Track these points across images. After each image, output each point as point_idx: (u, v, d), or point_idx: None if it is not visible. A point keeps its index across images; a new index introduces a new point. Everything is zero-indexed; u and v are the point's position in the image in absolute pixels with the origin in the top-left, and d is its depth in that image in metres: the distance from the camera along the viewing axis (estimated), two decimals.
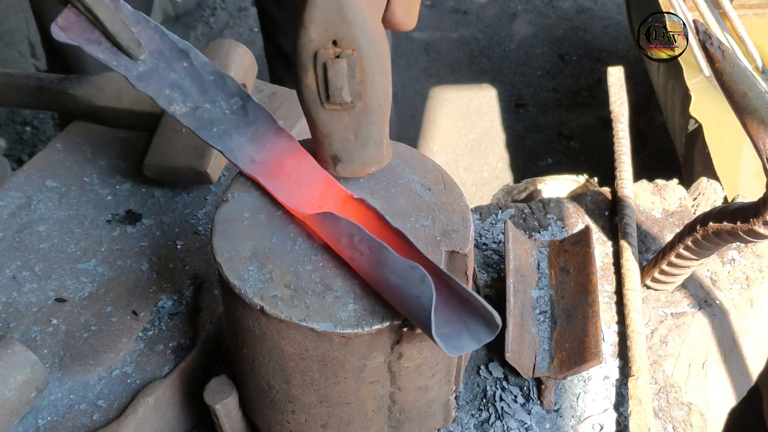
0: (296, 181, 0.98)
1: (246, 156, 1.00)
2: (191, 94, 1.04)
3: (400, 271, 0.84)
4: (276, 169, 0.99)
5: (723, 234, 1.13)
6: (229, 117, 1.03)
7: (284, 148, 1.01)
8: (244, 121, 1.02)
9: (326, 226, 0.91)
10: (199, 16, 3.76)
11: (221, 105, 1.04)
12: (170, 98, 1.04)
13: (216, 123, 1.02)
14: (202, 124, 1.02)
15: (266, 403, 1.01)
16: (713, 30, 2.20)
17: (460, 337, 0.84)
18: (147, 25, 1.07)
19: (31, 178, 1.35)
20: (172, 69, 1.05)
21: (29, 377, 1.01)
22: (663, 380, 1.24)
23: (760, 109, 0.99)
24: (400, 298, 0.84)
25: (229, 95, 1.04)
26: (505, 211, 1.47)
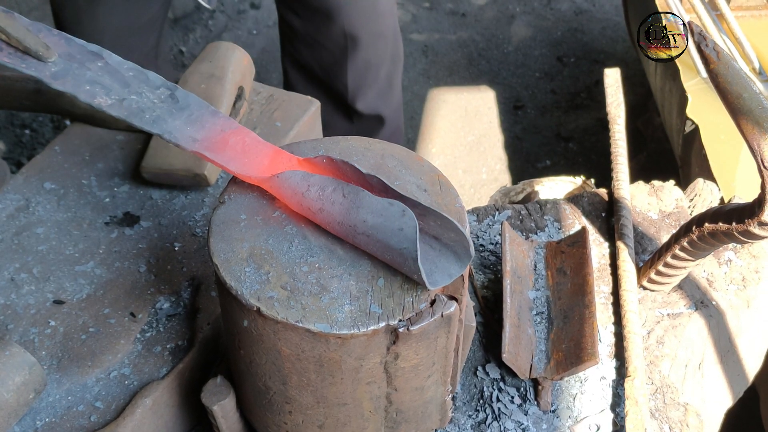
0: (243, 154, 0.99)
1: (186, 136, 1.01)
2: (113, 88, 1.04)
3: (379, 209, 0.86)
4: (220, 144, 1.00)
5: (719, 235, 1.14)
6: (159, 105, 1.03)
7: (224, 127, 1.02)
8: (176, 107, 1.03)
9: (291, 184, 0.92)
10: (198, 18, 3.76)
11: (148, 96, 1.03)
12: (92, 93, 1.03)
13: (147, 111, 1.02)
14: (132, 113, 1.02)
15: (263, 404, 1.02)
16: (710, 31, 2.21)
17: (433, 273, 0.88)
18: (49, 33, 1.07)
19: (30, 180, 1.35)
20: (87, 68, 1.05)
21: (27, 379, 1.02)
22: (659, 381, 1.24)
23: (755, 110, 1.00)
24: (381, 236, 0.87)
25: (154, 87, 1.04)
26: (502, 212, 1.47)
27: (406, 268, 0.87)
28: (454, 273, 0.89)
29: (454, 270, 0.89)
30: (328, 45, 2.09)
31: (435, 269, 0.89)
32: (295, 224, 0.95)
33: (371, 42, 2.11)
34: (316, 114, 1.49)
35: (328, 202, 0.90)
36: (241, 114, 1.40)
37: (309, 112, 1.46)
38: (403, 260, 0.86)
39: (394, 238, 0.86)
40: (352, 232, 0.89)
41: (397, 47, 2.23)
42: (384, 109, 2.28)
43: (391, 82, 2.27)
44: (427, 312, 0.89)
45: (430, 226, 0.90)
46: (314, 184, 0.91)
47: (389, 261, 0.89)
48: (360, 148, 1.04)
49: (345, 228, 0.90)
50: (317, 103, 1.48)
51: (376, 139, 1.06)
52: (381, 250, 0.88)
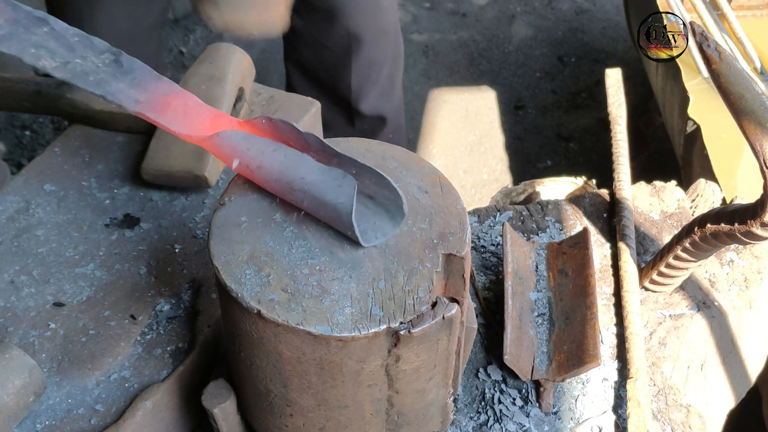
0: (185, 115, 1.01)
1: (129, 98, 1.03)
2: (58, 52, 1.06)
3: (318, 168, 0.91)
4: (162, 106, 1.02)
5: (721, 236, 1.13)
6: (104, 69, 1.05)
7: (167, 91, 1.03)
8: (120, 71, 1.05)
9: (232, 143, 0.95)
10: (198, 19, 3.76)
11: (93, 60, 1.05)
12: (37, 56, 1.05)
13: (91, 74, 1.04)
14: (76, 75, 1.04)
15: (264, 406, 1.01)
16: (711, 31, 2.20)
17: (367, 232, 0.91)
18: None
19: (30, 182, 1.35)
20: (33, 33, 1.07)
21: (27, 382, 1.01)
22: (662, 382, 1.24)
23: (757, 110, 0.99)
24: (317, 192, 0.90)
25: (99, 52, 1.07)
26: (504, 213, 1.47)
27: (340, 224, 0.89)
28: (387, 231, 0.92)
29: (388, 228, 0.92)
30: (331, 45, 2.09)
31: (369, 228, 0.92)
32: (296, 227, 0.95)
33: (374, 41, 2.10)
34: (317, 115, 1.48)
35: (267, 160, 0.93)
36: (241, 115, 1.40)
37: (309, 113, 1.46)
38: (337, 215, 0.89)
39: (330, 194, 0.89)
40: (289, 188, 0.92)
41: (398, 46, 2.23)
42: (386, 109, 2.28)
43: (393, 81, 2.27)
44: (429, 314, 0.88)
45: (365, 184, 0.92)
46: (255, 144, 0.94)
47: (323, 217, 0.91)
48: (360, 149, 1.04)
49: (282, 185, 0.92)
50: (317, 104, 1.48)
51: (377, 141, 1.06)
52: (316, 206, 0.91)
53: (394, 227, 0.92)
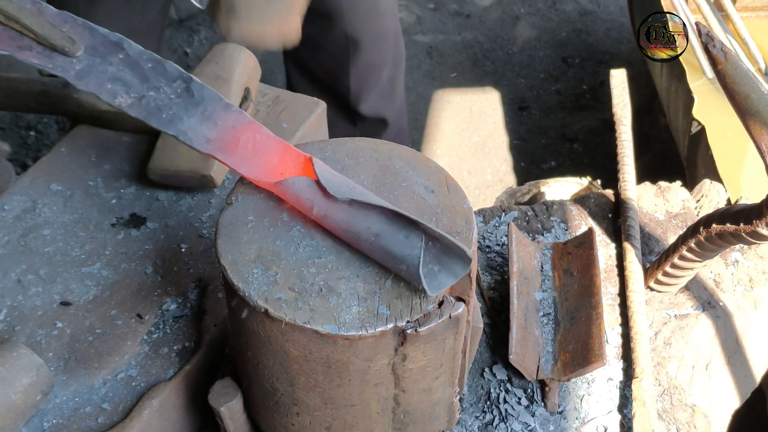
0: (254, 153, 1.00)
1: (200, 136, 1.03)
2: (133, 84, 1.06)
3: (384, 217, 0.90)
4: (232, 144, 1.01)
5: (726, 236, 1.14)
6: (176, 101, 1.05)
7: (235, 122, 1.03)
8: (191, 102, 1.05)
9: (296, 190, 0.94)
10: (203, 20, 3.77)
11: (165, 90, 1.06)
12: (113, 92, 1.06)
13: (164, 109, 1.04)
14: (150, 113, 1.05)
15: (271, 405, 1.01)
16: (716, 32, 2.20)
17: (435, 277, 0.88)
18: (75, 23, 1.09)
19: (36, 182, 1.35)
20: (109, 63, 1.07)
21: (34, 380, 1.02)
22: (667, 382, 1.24)
23: (763, 110, 0.99)
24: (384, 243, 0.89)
25: (171, 79, 1.06)
26: (509, 213, 1.47)
27: (410, 275, 0.88)
28: (457, 274, 0.89)
29: (458, 271, 0.89)
30: (329, 48, 2.09)
31: (435, 274, 0.89)
32: (303, 226, 0.95)
33: (373, 44, 2.10)
34: (323, 115, 1.49)
35: (333, 209, 0.92)
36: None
37: (315, 113, 1.46)
38: (406, 268, 0.87)
39: (397, 246, 0.88)
40: (356, 239, 0.91)
41: (399, 48, 2.23)
42: (387, 111, 2.27)
43: (394, 84, 2.27)
44: (435, 313, 0.89)
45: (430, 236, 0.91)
46: (319, 192, 0.93)
47: (393, 268, 0.90)
48: (367, 149, 1.04)
49: (349, 235, 0.91)
50: (323, 104, 1.48)
51: (384, 140, 1.06)
52: (384, 257, 0.90)
53: (463, 270, 0.89)
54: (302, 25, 2.08)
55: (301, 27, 2.09)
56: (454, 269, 0.88)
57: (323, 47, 2.09)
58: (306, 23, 2.07)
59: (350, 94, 2.16)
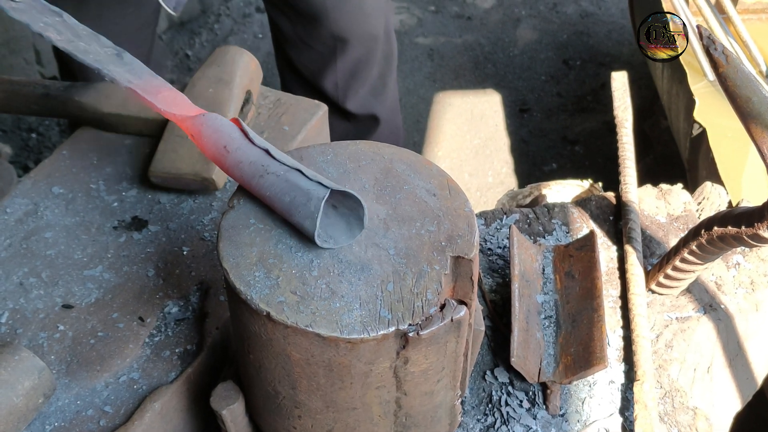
0: (173, 104, 1.05)
1: (123, 77, 1.07)
2: (66, 34, 1.12)
3: None
4: (153, 91, 1.06)
5: (727, 238, 1.14)
6: (105, 55, 1.11)
7: (160, 85, 1.08)
8: (120, 62, 1.10)
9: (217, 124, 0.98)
10: (204, 22, 3.77)
11: (96, 48, 1.11)
12: (45, 28, 1.12)
13: (93, 53, 1.10)
14: (78, 50, 1.10)
15: (273, 408, 1.02)
16: (717, 34, 2.20)
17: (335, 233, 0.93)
18: None
19: (38, 184, 1.35)
20: (46, 16, 1.13)
21: (36, 383, 1.02)
22: (668, 385, 1.24)
23: (764, 113, 0.99)
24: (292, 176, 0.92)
25: (104, 45, 1.12)
26: (510, 216, 1.47)
27: (303, 210, 0.89)
28: (341, 241, 0.92)
29: (343, 239, 0.93)
30: (317, 47, 2.10)
31: (326, 234, 0.93)
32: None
33: (361, 43, 2.11)
34: (324, 118, 1.49)
35: (248, 148, 0.96)
36: (248, 118, 1.40)
37: (316, 116, 1.46)
38: (305, 200, 0.89)
39: (304, 179, 0.91)
40: (262, 170, 0.93)
41: (390, 46, 2.22)
42: (378, 109, 2.27)
43: (384, 81, 2.26)
44: (437, 316, 0.89)
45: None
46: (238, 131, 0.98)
47: (286, 204, 0.91)
48: (369, 152, 1.04)
49: (255, 167, 0.94)
50: (324, 107, 1.49)
51: (386, 144, 1.06)
52: (286, 189, 0.91)
53: (350, 238, 0.93)
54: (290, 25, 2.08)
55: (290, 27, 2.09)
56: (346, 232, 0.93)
57: (311, 47, 2.10)
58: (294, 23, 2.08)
59: (338, 91, 2.17)
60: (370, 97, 2.22)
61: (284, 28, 2.10)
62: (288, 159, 0.94)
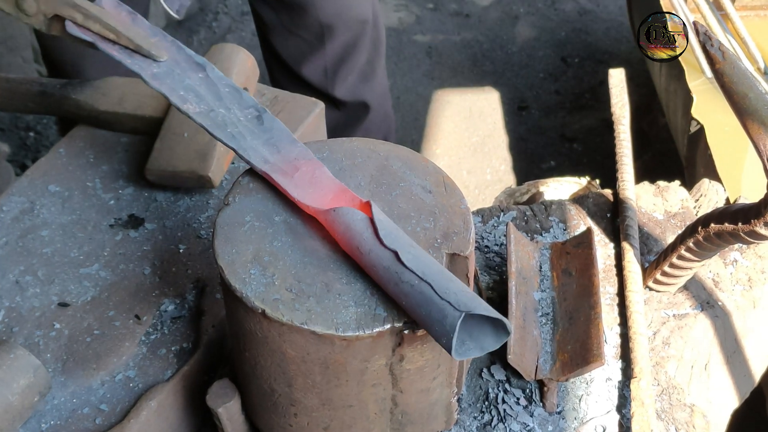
0: (310, 183, 0.98)
1: (259, 156, 1.01)
2: (206, 99, 1.07)
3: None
4: (289, 170, 0.99)
5: (724, 235, 1.13)
6: (243, 123, 1.05)
7: (299, 155, 1.01)
8: (259, 128, 1.05)
9: (347, 219, 0.91)
10: (202, 20, 3.77)
11: (236, 113, 1.06)
12: (184, 98, 1.07)
13: (230, 125, 1.05)
14: (216, 124, 1.05)
15: (269, 406, 1.01)
16: (715, 31, 2.20)
17: (465, 342, 0.84)
18: (164, 38, 1.13)
19: (34, 183, 1.35)
20: (188, 77, 1.09)
21: (32, 381, 1.02)
22: (665, 382, 1.24)
23: (761, 110, 0.99)
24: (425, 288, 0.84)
25: (245, 106, 1.07)
26: (507, 213, 1.47)
27: (439, 328, 0.82)
28: (487, 347, 0.85)
29: (488, 344, 0.85)
30: (303, 35, 2.08)
31: (468, 338, 0.84)
32: (301, 226, 0.95)
33: (349, 28, 2.09)
34: (321, 115, 1.49)
35: (379, 248, 0.88)
36: None
37: (313, 113, 1.46)
38: (441, 317, 0.81)
39: (436, 296, 0.82)
40: (396, 278, 0.86)
41: (378, 31, 2.21)
42: (368, 96, 2.25)
43: (374, 68, 2.25)
44: None
45: None
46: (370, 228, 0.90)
47: (423, 317, 0.84)
48: (365, 149, 1.04)
49: (389, 273, 0.86)
50: (321, 104, 1.48)
51: (381, 141, 1.06)
52: (420, 302, 0.84)
53: (496, 343, 0.85)
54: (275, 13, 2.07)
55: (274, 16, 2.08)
56: (485, 343, 0.85)
57: (297, 35, 2.08)
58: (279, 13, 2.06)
59: (327, 78, 2.16)
60: (359, 83, 2.21)
61: (267, 18, 2.09)
62: (418, 264, 0.85)
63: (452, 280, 0.84)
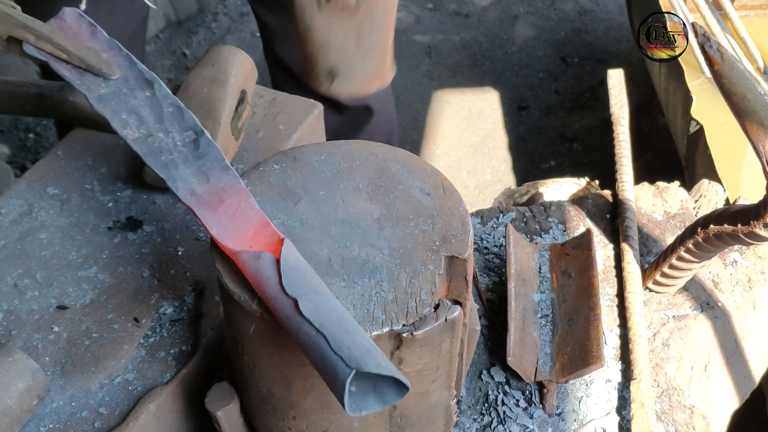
0: (232, 218, 0.96)
1: (187, 187, 1.02)
2: (147, 122, 1.10)
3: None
4: (214, 203, 0.99)
5: (724, 236, 1.13)
6: (180, 148, 1.07)
7: (227, 185, 1.01)
8: (194, 154, 1.06)
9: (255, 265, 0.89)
10: (201, 21, 3.77)
11: (174, 136, 1.09)
12: (125, 122, 1.10)
13: (165, 152, 1.07)
14: (150, 151, 1.07)
15: (267, 409, 1.01)
16: (714, 32, 2.20)
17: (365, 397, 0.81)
18: (119, 53, 1.17)
19: (33, 185, 1.35)
20: (134, 96, 1.12)
21: (30, 385, 1.01)
22: (665, 383, 1.24)
23: (759, 111, 0.99)
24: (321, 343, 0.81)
25: (184, 128, 1.09)
26: (507, 214, 1.47)
27: (333, 385, 0.80)
28: (390, 400, 0.81)
29: (391, 397, 0.81)
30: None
31: (371, 391, 0.81)
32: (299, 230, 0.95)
33: None
34: (319, 117, 1.48)
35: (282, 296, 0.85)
36: (243, 118, 1.40)
37: (312, 115, 1.46)
38: (333, 373, 0.79)
39: (330, 351, 0.80)
40: (297, 327, 0.83)
41: None
42: (371, 99, 2.24)
43: None
44: (431, 317, 0.88)
45: None
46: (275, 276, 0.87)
47: (321, 370, 0.82)
48: (363, 152, 1.04)
49: (291, 322, 0.84)
50: (320, 106, 1.48)
51: (379, 143, 1.06)
52: (317, 355, 0.81)
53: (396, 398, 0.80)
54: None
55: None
56: (387, 397, 0.81)
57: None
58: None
59: None
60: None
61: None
62: (317, 314, 0.83)
63: (350, 332, 0.81)
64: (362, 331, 0.82)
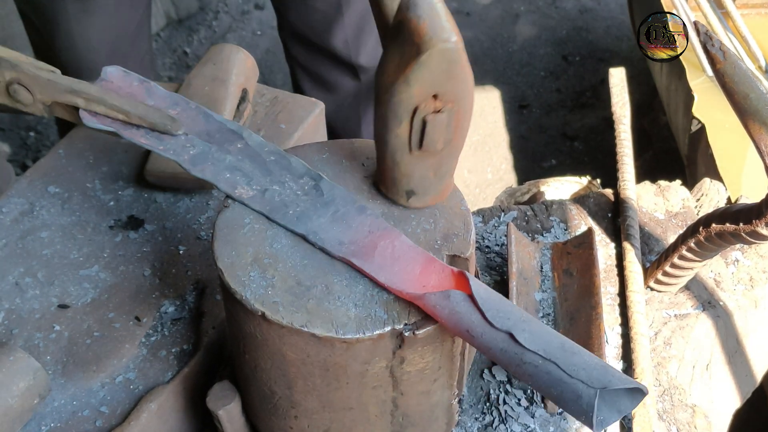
0: (393, 261, 0.91)
1: (333, 238, 0.93)
2: (254, 176, 0.98)
3: None
4: (369, 248, 0.92)
5: (725, 236, 1.13)
6: (303, 198, 0.96)
7: (372, 227, 0.94)
8: (321, 201, 0.96)
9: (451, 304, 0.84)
10: (202, 19, 3.76)
11: (291, 186, 0.97)
12: (232, 182, 0.98)
13: (290, 205, 0.96)
14: (274, 207, 0.96)
15: (269, 408, 1.01)
16: (716, 30, 2.20)
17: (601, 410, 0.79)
18: (187, 107, 1.03)
19: (34, 184, 1.35)
20: (227, 151, 1.00)
21: (32, 384, 1.01)
22: (667, 382, 1.24)
23: (762, 110, 0.99)
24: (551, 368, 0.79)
25: (297, 175, 0.98)
26: (508, 213, 1.47)
27: (575, 406, 0.78)
28: (624, 409, 0.80)
29: (625, 406, 0.80)
30: (320, 7, 2.08)
31: (603, 406, 0.79)
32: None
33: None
34: (321, 116, 1.48)
35: (491, 330, 0.82)
36: (245, 116, 1.40)
37: (313, 113, 1.46)
38: (575, 396, 0.78)
39: (566, 375, 0.78)
40: (517, 360, 0.81)
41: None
42: None
43: None
44: None
45: None
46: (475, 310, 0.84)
47: (555, 397, 0.80)
48: (366, 150, 1.04)
49: (508, 355, 0.81)
50: (321, 105, 1.48)
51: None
52: (548, 383, 0.80)
53: (632, 405, 0.80)
54: None
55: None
56: (621, 405, 0.80)
57: (314, 7, 2.07)
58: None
59: (349, 47, 2.14)
60: (377, 46, 2.20)
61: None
62: (538, 341, 0.80)
63: (576, 353, 0.79)
64: (583, 350, 0.80)
